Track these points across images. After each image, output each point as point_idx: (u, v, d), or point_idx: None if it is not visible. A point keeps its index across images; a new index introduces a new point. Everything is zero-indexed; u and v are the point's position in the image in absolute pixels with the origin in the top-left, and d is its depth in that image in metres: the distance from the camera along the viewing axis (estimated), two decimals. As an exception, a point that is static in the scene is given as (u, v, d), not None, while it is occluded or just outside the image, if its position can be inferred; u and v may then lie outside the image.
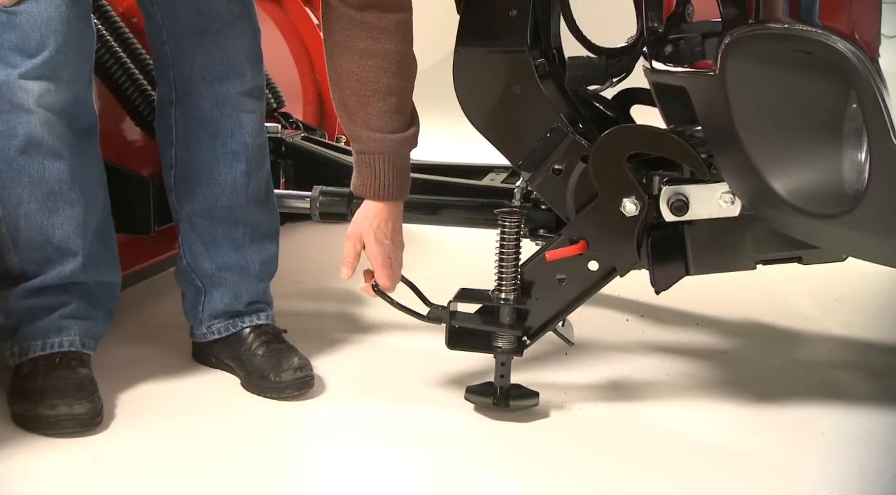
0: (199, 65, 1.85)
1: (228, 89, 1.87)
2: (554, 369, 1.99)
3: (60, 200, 1.70)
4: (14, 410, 1.68)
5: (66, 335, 1.73)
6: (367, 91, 1.72)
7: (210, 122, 1.88)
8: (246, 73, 1.89)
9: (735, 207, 1.74)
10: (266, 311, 1.96)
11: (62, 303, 1.74)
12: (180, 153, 1.91)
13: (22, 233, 1.69)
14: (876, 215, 1.47)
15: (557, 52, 2.00)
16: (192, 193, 1.91)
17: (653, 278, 1.83)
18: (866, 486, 1.55)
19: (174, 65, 1.87)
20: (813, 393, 1.89)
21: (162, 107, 1.92)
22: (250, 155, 1.91)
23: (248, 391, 1.85)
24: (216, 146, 1.88)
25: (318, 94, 3.35)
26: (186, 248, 1.94)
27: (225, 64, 1.86)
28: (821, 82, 1.50)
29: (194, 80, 1.86)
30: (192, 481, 1.53)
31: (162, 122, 1.93)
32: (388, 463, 1.62)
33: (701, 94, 1.70)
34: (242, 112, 1.89)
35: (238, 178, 1.90)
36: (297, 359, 1.84)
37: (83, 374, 1.70)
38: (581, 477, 1.57)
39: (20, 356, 1.72)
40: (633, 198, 1.72)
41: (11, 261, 1.71)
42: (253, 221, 1.93)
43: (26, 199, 1.67)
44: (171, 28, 1.85)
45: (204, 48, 1.85)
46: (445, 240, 2.87)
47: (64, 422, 1.63)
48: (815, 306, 2.43)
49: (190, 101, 1.88)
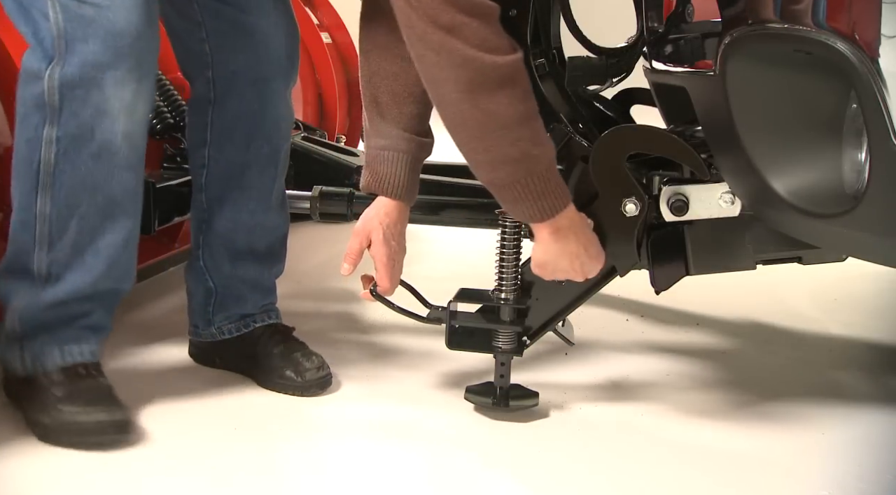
0: (244, 64, 1.82)
1: (273, 90, 1.84)
2: (554, 369, 1.99)
3: (118, 209, 1.64)
4: (43, 421, 1.61)
5: (84, 344, 1.68)
6: (403, 91, 1.70)
7: (249, 124, 1.85)
8: (290, 74, 1.87)
9: (735, 207, 1.74)
10: (276, 310, 1.97)
11: (84, 313, 1.68)
12: (213, 153, 1.88)
13: (67, 235, 1.62)
14: (876, 215, 1.47)
15: (557, 52, 2.00)
16: (222, 197, 1.88)
17: (653, 278, 1.83)
18: (866, 486, 1.55)
19: (214, 63, 1.83)
20: (813, 394, 1.89)
21: (198, 105, 1.88)
22: (279, 160, 1.90)
23: (268, 389, 1.86)
24: (250, 148, 1.86)
25: (318, 94, 3.35)
26: (206, 251, 1.91)
27: (271, 64, 1.83)
28: (821, 82, 1.50)
29: (238, 79, 1.82)
30: (192, 481, 1.53)
31: (196, 121, 1.89)
32: (388, 462, 1.62)
33: (701, 94, 1.70)
34: (281, 114, 1.88)
35: (266, 183, 1.89)
36: (315, 357, 1.86)
37: (106, 384, 1.67)
38: (581, 477, 1.57)
39: (33, 364, 1.66)
40: (633, 198, 1.72)
41: (40, 260, 1.64)
42: (271, 225, 1.93)
43: (85, 202, 1.61)
44: (213, 25, 1.81)
45: (250, 47, 1.81)
46: (445, 240, 2.87)
47: (106, 429, 1.59)
48: (815, 306, 2.43)
49: (230, 101, 1.84)
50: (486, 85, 1.49)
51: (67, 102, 1.57)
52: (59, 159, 1.59)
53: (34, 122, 1.60)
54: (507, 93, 1.51)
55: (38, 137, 1.60)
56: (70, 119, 1.58)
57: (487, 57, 1.48)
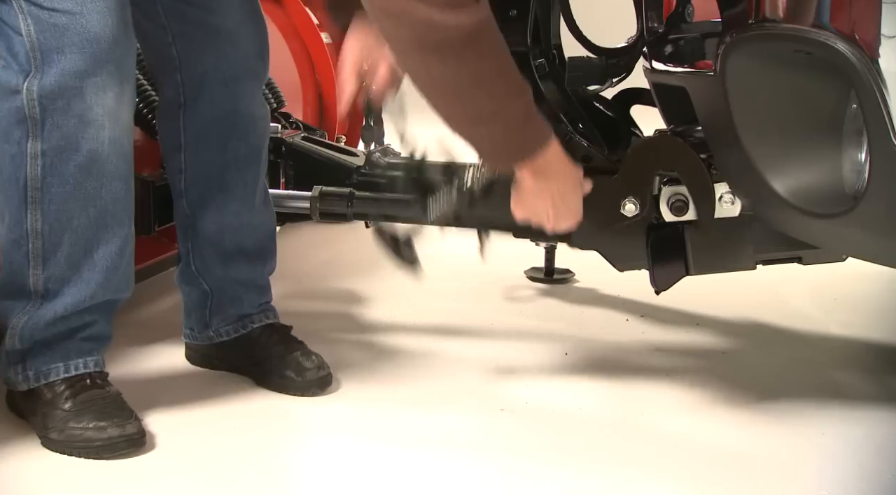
0: (213, 65, 1.79)
1: (244, 89, 1.82)
2: (554, 369, 1.99)
3: (111, 219, 1.62)
4: (52, 436, 1.59)
5: (88, 355, 1.66)
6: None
7: (224, 125, 1.83)
8: (260, 72, 1.85)
9: (735, 207, 1.74)
10: (273, 310, 1.96)
11: (85, 325, 1.65)
12: (190, 157, 1.85)
13: (61, 249, 1.59)
14: (876, 215, 1.47)
15: (557, 52, 2.00)
16: (204, 200, 1.87)
17: (653, 278, 1.83)
18: (866, 486, 1.55)
19: (182, 66, 1.80)
20: (813, 394, 1.89)
21: (168, 109, 1.85)
22: (260, 158, 1.89)
23: (269, 389, 1.85)
24: (227, 149, 1.84)
25: (318, 94, 3.35)
26: (196, 254, 1.90)
27: (240, 63, 1.81)
28: (821, 82, 1.50)
29: (208, 81, 1.80)
30: (191, 481, 1.53)
31: (168, 125, 1.86)
32: (387, 462, 1.62)
33: (701, 95, 1.70)
34: (256, 113, 1.86)
35: (248, 183, 1.88)
36: (314, 357, 1.86)
37: (114, 392, 1.65)
38: (582, 477, 1.57)
39: (36, 380, 1.63)
40: (633, 198, 1.73)
41: (35, 277, 1.61)
42: (257, 223, 1.92)
43: (77, 215, 1.58)
44: (179, 28, 1.78)
45: (218, 48, 1.79)
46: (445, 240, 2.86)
47: (118, 444, 1.57)
48: (815, 306, 2.42)
49: (202, 104, 1.81)
50: (448, 43, 1.44)
51: (49, 114, 1.54)
52: (45, 173, 1.56)
53: (16, 137, 1.56)
54: (475, 49, 1.46)
55: (23, 152, 1.56)
56: (53, 131, 1.55)
57: (448, 14, 1.42)
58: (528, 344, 2.12)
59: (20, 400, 1.67)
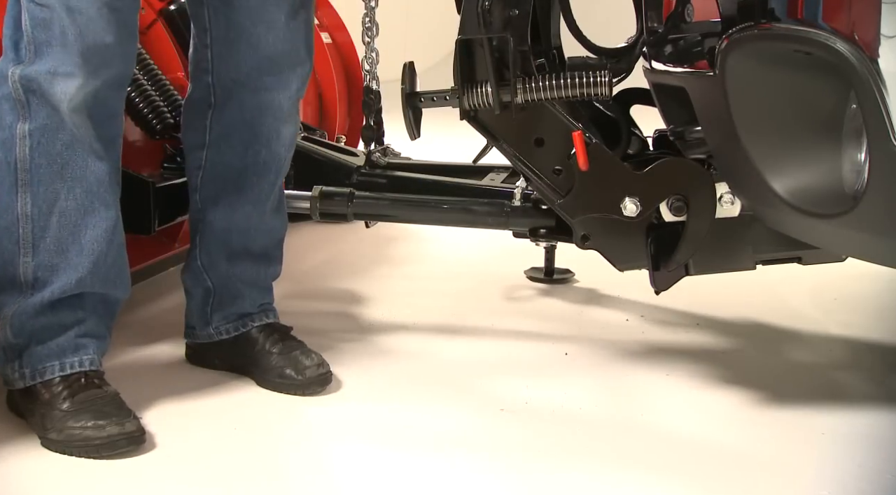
0: (246, 73, 1.81)
1: (273, 99, 1.84)
2: (554, 369, 1.99)
3: (97, 201, 1.65)
4: (51, 436, 1.59)
5: (84, 353, 1.67)
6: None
7: (249, 130, 1.84)
8: (292, 85, 1.85)
9: (735, 207, 1.75)
10: (273, 310, 1.97)
11: (77, 320, 1.67)
12: (211, 156, 1.88)
13: (49, 233, 1.63)
14: (876, 215, 1.48)
15: (557, 52, 2.00)
16: (217, 198, 1.88)
17: (653, 278, 1.83)
18: (866, 486, 1.55)
19: (214, 69, 1.83)
20: (813, 394, 1.89)
21: (196, 107, 1.88)
22: (280, 166, 1.90)
23: (269, 388, 1.86)
24: (249, 154, 1.86)
25: (318, 94, 3.35)
26: (203, 250, 1.91)
27: (274, 77, 1.82)
28: (821, 82, 1.50)
29: (238, 87, 1.82)
30: (191, 481, 1.53)
31: (194, 123, 1.88)
32: (388, 461, 1.62)
33: (701, 95, 1.70)
34: (282, 122, 1.87)
35: (265, 188, 1.88)
36: (314, 355, 1.86)
37: (112, 392, 1.66)
38: (582, 477, 1.57)
39: (32, 378, 1.65)
40: (634, 198, 1.73)
41: (25, 265, 1.64)
42: (267, 228, 1.93)
43: (63, 196, 1.63)
44: (219, 33, 1.81)
45: (254, 58, 1.80)
46: (445, 240, 2.87)
47: (118, 442, 1.58)
48: (815, 306, 2.42)
49: (231, 107, 1.84)
50: None
51: (32, 94, 1.59)
52: (33, 154, 1.61)
53: (7, 122, 1.62)
54: None
55: (13, 136, 1.62)
56: (39, 109, 1.60)
57: None
58: (528, 344, 2.12)
59: (20, 400, 1.68)
